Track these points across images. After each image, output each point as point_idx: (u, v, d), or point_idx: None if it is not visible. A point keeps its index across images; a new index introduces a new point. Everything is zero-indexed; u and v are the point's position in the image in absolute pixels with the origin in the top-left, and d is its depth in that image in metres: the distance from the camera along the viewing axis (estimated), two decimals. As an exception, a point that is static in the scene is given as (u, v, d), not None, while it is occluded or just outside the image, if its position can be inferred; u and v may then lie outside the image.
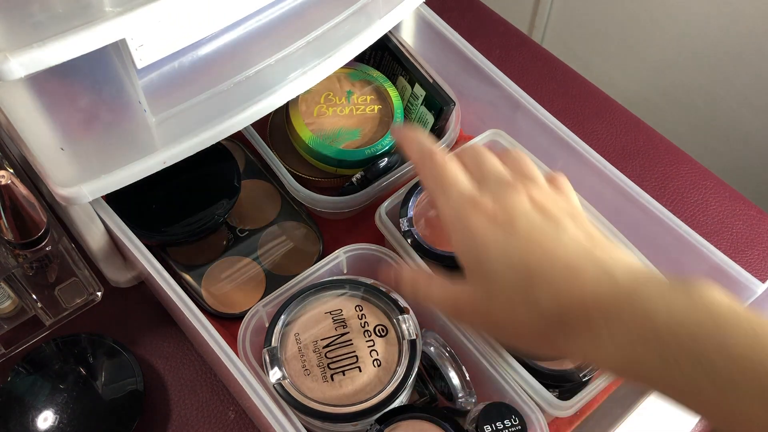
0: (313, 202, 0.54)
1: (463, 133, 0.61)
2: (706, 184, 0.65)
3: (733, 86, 0.98)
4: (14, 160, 0.52)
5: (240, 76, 0.46)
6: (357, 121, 0.58)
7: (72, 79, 0.40)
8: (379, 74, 0.60)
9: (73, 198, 0.43)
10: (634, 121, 0.69)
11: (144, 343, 0.55)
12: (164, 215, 0.54)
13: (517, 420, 0.43)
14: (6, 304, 0.51)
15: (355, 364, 0.45)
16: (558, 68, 0.73)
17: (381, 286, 0.48)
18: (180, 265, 0.55)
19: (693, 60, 1.00)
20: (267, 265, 0.56)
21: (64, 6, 0.36)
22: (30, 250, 0.48)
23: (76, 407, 0.49)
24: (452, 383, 0.46)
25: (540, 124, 0.55)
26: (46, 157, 0.43)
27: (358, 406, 0.43)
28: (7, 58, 0.34)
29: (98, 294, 0.53)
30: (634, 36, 1.05)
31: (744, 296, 0.48)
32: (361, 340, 0.46)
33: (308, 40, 0.48)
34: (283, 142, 0.60)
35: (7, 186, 0.44)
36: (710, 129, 1.06)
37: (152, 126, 0.44)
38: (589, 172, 0.53)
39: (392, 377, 0.44)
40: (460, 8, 0.77)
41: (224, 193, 0.56)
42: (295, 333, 0.46)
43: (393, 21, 0.52)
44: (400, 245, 0.50)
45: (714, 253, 0.49)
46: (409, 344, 0.45)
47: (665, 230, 0.50)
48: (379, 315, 0.47)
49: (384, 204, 0.52)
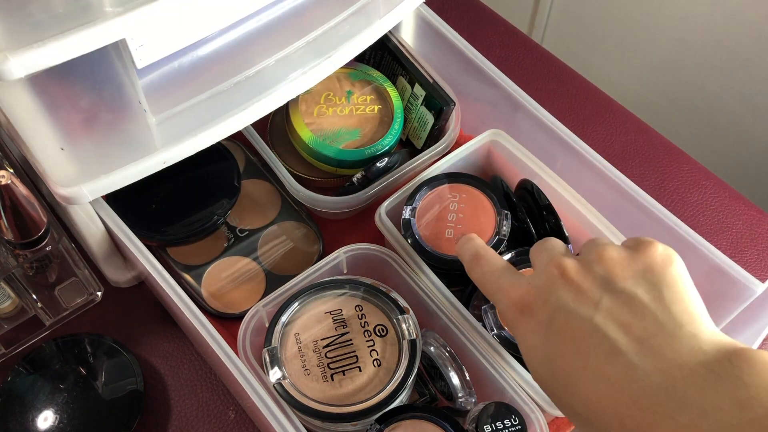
0: (313, 202, 0.54)
1: (463, 133, 0.61)
2: (706, 184, 0.65)
3: (733, 86, 0.98)
4: (14, 160, 0.52)
5: (240, 76, 0.46)
6: (357, 121, 0.58)
7: (72, 79, 0.40)
8: (379, 74, 0.60)
9: (73, 198, 0.43)
10: (634, 121, 0.69)
11: (144, 343, 0.55)
12: (164, 215, 0.54)
13: (517, 420, 0.43)
14: (6, 304, 0.51)
15: (355, 363, 0.45)
16: (558, 68, 0.73)
17: (381, 286, 0.48)
18: (180, 265, 0.55)
19: (693, 60, 1.00)
20: (267, 265, 0.56)
21: (64, 6, 0.36)
22: (30, 250, 0.48)
23: (76, 407, 0.49)
24: (452, 383, 0.46)
25: (540, 124, 0.55)
26: (46, 157, 0.43)
27: (358, 405, 0.43)
28: (7, 58, 0.34)
29: (98, 294, 0.53)
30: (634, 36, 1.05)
31: (744, 296, 0.48)
32: (361, 340, 0.46)
33: (308, 40, 0.48)
34: (283, 142, 0.60)
35: (7, 186, 0.44)
36: (710, 129, 1.06)
37: (152, 126, 0.44)
38: (589, 172, 0.53)
39: (392, 377, 0.44)
40: (460, 8, 0.77)
41: (224, 193, 0.56)
42: (295, 333, 0.46)
43: (393, 21, 0.52)
44: (400, 245, 0.50)
45: (714, 253, 0.49)
46: (409, 344, 0.45)
47: (665, 230, 0.50)
48: (379, 315, 0.47)
49: (384, 204, 0.52)
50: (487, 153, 0.57)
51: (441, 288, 0.48)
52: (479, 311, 0.48)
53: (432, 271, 0.49)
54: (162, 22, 0.38)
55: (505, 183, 0.54)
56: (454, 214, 0.52)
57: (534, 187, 0.52)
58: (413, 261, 0.49)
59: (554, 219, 0.51)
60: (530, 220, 0.52)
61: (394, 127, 0.58)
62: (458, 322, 0.47)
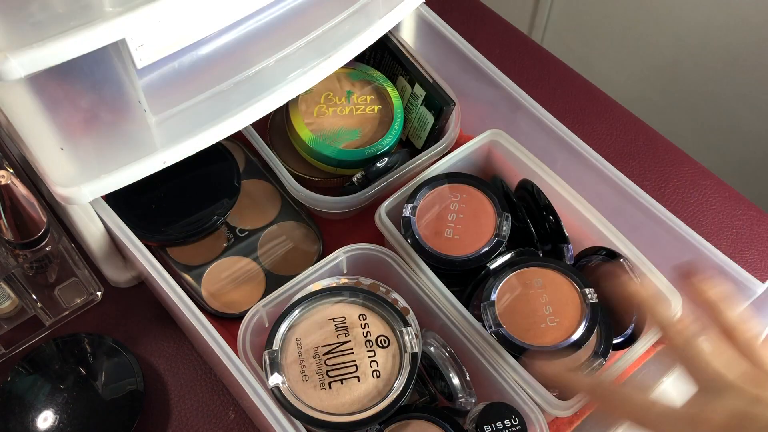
0: (313, 202, 0.54)
1: (463, 133, 0.61)
2: (706, 184, 0.65)
3: (733, 86, 0.98)
4: (14, 160, 0.52)
5: (240, 76, 0.46)
6: (357, 121, 0.58)
7: (72, 79, 0.40)
8: (379, 74, 0.60)
9: (73, 198, 0.43)
10: (634, 121, 0.69)
11: (144, 343, 0.55)
12: (164, 215, 0.54)
13: (517, 420, 0.43)
14: (6, 304, 0.51)
15: (354, 373, 0.44)
16: (558, 68, 0.73)
17: (381, 286, 0.48)
18: (180, 265, 0.55)
19: (693, 60, 1.00)
20: (267, 265, 0.56)
21: (64, 6, 0.36)
22: (30, 250, 0.48)
23: (76, 407, 0.49)
24: (452, 383, 0.46)
25: (540, 124, 0.55)
26: (46, 157, 0.43)
27: (354, 416, 0.43)
28: (7, 58, 0.34)
29: (98, 294, 0.53)
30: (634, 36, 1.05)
31: (744, 296, 0.48)
32: (362, 350, 0.45)
33: (308, 40, 0.48)
34: (283, 142, 0.60)
35: (7, 186, 0.44)
36: (710, 129, 1.06)
37: (152, 126, 0.44)
38: (589, 172, 0.53)
39: (390, 390, 0.44)
40: (460, 8, 0.77)
41: (224, 193, 0.56)
42: (296, 338, 0.46)
43: (393, 21, 0.52)
44: (400, 245, 0.50)
45: (714, 254, 0.49)
46: (410, 358, 0.45)
47: (665, 230, 0.50)
48: (382, 325, 0.47)
49: (384, 204, 0.52)
50: (487, 153, 0.57)
51: (441, 288, 0.48)
52: (479, 311, 0.48)
53: (432, 271, 0.49)
54: (162, 22, 0.38)
55: (505, 183, 0.54)
56: (454, 214, 0.52)
57: (534, 187, 0.52)
58: (413, 261, 0.49)
59: (554, 219, 0.51)
60: (530, 220, 0.52)
61: (394, 127, 0.58)
62: (458, 322, 0.47)
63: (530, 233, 0.52)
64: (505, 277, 0.49)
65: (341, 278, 0.50)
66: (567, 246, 0.51)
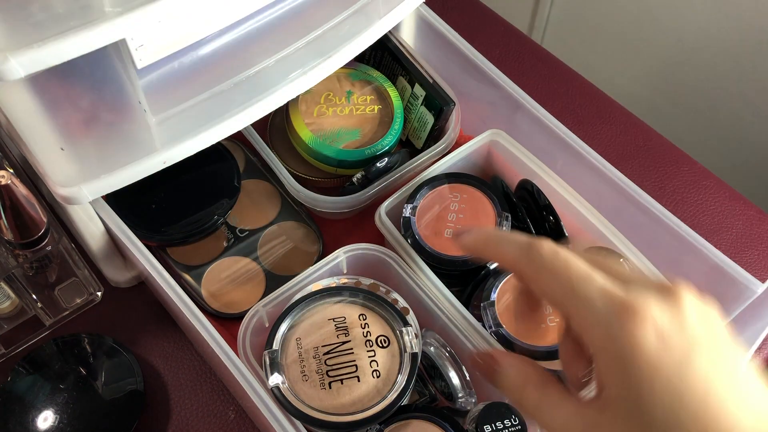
0: (313, 202, 0.54)
1: (463, 133, 0.61)
2: (706, 184, 0.65)
3: (733, 86, 0.98)
4: (14, 160, 0.52)
5: (240, 76, 0.46)
6: (357, 121, 0.58)
7: (72, 79, 0.40)
8: (379, 74, 0.60)
9: (73, 198, 0.43)
10: (634, 121, 0.69)
11: (144, 343, 0.55)
12: (164, 215, 0.54)
13: (516, 420, 0.43)
14: (6, 304, 0.51)
15: (354, 373, 0.44)
16: (558, 68, 0.73)
17: (381, 286, 0.48)
18: (180, 265, 0.55)
19: (693, 60, 1.00)
20: (267, 265, 0.56)
21: (64, 6, 0.36)
22: (30, 250, 0.48)
23: (76, 407, 0.49)
24: (452, 383, 0.46)
25: (540, 124, 0.55)
26: (46, 157, 0.43)
27: (354, 416, 0.43)
28: (7, 58, 0.34)
29: (98, 294, 0.53)
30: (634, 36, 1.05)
31: (744, 296, 0.48)
32: (362, 350, 0.45)
33: (308, 40, 0.48)
34: (283, 142, 0.60)
35: (7, 186, 0.44)
36: (710, 129, 1.06)
37: (152, 126, 0.44)
38: (589, 172, 0.53)
39: (391, 389, 0.44)
40: (460, 8, 0.77)
41: (224, 193, 0.56)
42: (296, 338, 0.46)
43: (393, 21, 0.52)
44: (400, 245, 0.50)
45: (714, 253, 0.49)
46: (410, 357, 0.45)
47: (665, 230, 0.50)
48: (382, 325, 0.47)
49: (384, 204, 0.52)
50: (487, 153, 0.57)
51: (441, 288, 0.48)
52: (479, 311, 0.48)
53: (432, 270, 0.49)
54: (162, 22, 0.38)
55: (505, 183, 0.54)
56: (454, 214, 0.52)
57: (534, 187, 0.52)
58: (413, 261, 0.49)
59: (554, 219, 0.51)
60: (530, 220, 0.52)
61: (394, 127, 0.58)
62: (458, 321, 0.47)
63: (530, 233, 0.52)
64: (505, 277, 0.49)
65: (341, 278, 0.50)
66: (567, 246, 0.51)
